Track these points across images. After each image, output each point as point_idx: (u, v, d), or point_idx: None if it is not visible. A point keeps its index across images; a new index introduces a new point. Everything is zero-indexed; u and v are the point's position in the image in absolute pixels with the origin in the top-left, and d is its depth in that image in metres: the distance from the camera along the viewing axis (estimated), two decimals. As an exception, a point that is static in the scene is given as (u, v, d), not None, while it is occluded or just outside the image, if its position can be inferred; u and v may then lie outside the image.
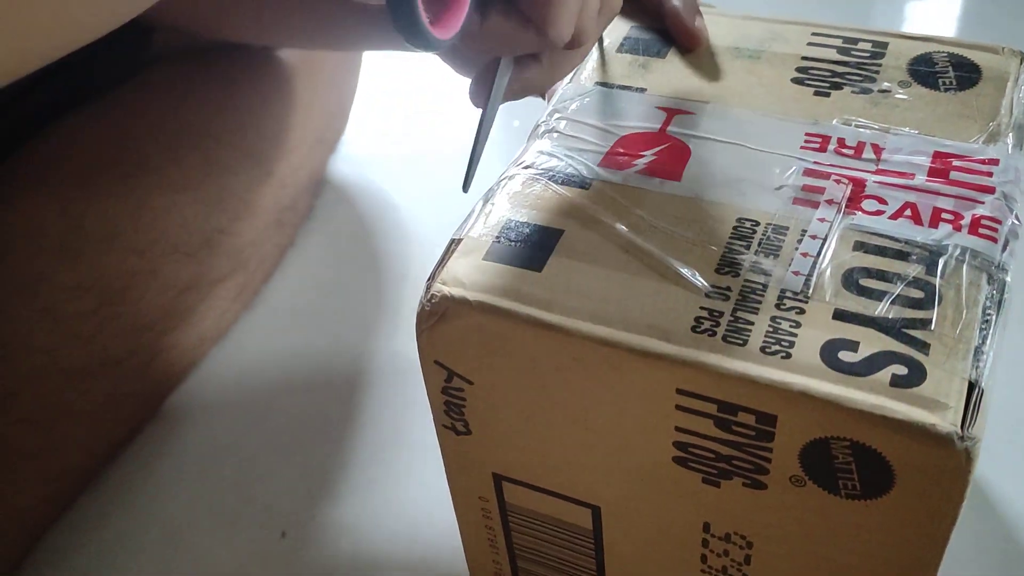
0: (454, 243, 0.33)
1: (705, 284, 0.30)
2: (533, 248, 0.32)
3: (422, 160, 0.73)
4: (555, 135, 0.36)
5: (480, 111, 0.34)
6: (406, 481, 0.50)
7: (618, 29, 0.42)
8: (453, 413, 0.34)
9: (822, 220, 0.32)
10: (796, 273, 0.30)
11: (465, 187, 0.33)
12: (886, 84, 0.37)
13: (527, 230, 0.33)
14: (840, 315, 0.29)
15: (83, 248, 0.47)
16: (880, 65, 0.38)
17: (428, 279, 0.32)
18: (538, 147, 0.36)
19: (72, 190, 0.48)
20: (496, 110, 0.34)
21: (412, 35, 0.27)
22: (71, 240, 0.47)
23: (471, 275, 0.31)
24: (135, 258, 0.49)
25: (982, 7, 0.85)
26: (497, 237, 0.33)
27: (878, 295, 0.29)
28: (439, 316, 0.31)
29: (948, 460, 0.26)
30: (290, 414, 0.54)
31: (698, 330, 0.29)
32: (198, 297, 0.54)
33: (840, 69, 0.38)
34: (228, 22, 0.52)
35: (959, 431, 0.26)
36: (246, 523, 0.49)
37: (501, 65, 0.33)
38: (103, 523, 0.50)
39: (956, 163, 0.33)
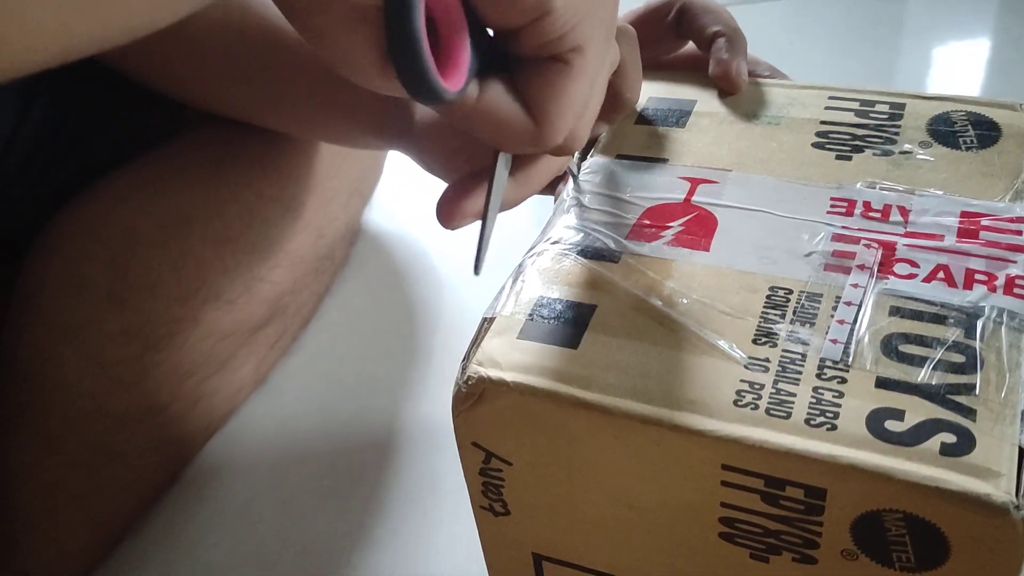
0: (486, 322, 0.33)
1: (743, 356, 0.30)
2: (567, 325, 0.32)
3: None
4: (581, 209, 0.37)
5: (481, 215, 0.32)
6: (442, 527, 0.50)
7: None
8: (491, 494, 0.34)
9: (855, 286, 0.32)
10: (834, 341, 0.30)
11: (476, 270, 0.31)
12: (907, 145, 0.37)
13: (560, 307, 0.33)
14: (883, 383, 0.28)
15: (128, 296, 0.49)
16: (899, 126, 0.38)
17: (463, 360, 0.32)
18: (564, 222, 0.36)
19: (119, 242, 0.49)
20: (497, 210, 0.32)
21: (418, 84, 0.24)
22: (117, 289, 0.48)
23: (507, 355, 0.31)
24: (178, 306, 0.51)
25: (1009, 56, 0.86)
26: (530, 315, 0.32)
27: (919, 361, 0.29)
28: (476, 397, 0.31)
29: (1004, 529, 0.25)
30: (327, 460, 0.55)
31: (740, 404, 0.28)
32: (238, 344, 0.56)
33: (860, 132, 0.38)
34: (260, 114, 0.54)
35: (1015, 500, 0.25)
36: (284, 566, 0.49)
37: (500, 160, 0.31)
38: (144, 566, 0.50)
39: (984, 222, 0.33)
